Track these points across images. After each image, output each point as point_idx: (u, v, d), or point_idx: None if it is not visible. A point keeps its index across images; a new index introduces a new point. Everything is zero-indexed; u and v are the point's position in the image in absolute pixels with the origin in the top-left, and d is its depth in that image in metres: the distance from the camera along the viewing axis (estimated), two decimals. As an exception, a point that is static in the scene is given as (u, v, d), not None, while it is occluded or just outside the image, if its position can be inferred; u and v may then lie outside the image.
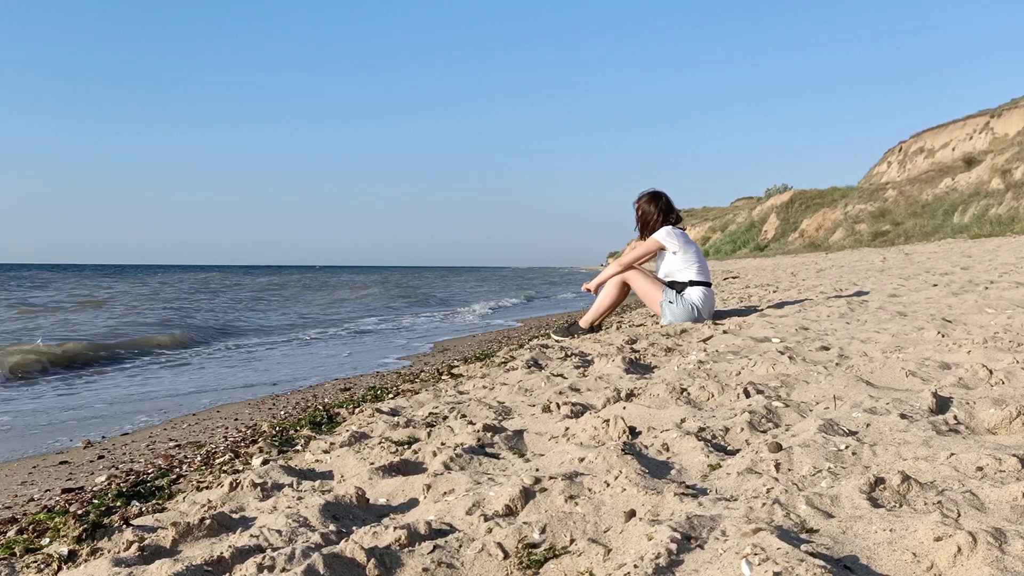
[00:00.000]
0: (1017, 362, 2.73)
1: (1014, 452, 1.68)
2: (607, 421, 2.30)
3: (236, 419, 3.69)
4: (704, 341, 4.28)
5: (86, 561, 1.62)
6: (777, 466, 1.77)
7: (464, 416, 2.78)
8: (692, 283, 5.16)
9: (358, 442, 2.48)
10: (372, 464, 2.16)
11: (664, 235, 5.17)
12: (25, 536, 1.84)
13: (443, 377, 4.04)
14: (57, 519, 1.92)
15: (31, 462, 3.02)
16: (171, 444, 3.13)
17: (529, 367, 3.80)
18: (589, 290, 5.46)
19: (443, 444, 2.31)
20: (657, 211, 5.25)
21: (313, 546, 1.50)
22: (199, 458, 2.68)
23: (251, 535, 1.60)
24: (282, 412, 3.79)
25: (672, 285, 5.21)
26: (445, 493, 1.85)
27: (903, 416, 2.10)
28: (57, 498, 2.35)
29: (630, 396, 2.79)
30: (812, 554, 1.23)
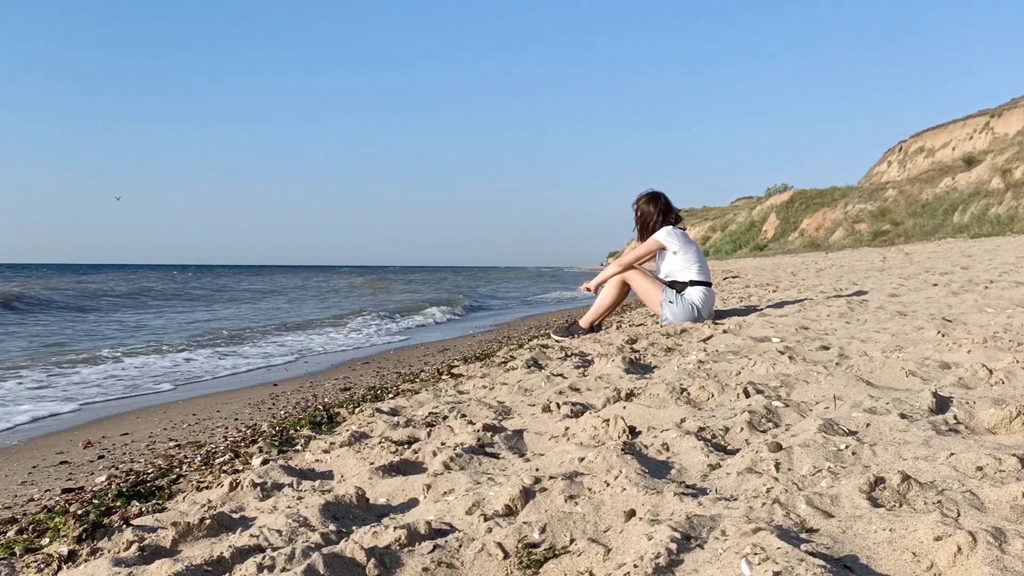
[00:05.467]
0: (1017, 362, 2.73)
1: (1014, 452, 1.68)
2: (607, 421, 2.30)
3: (236, 419, 3.69)
4: (704, 341, 4.28)
5: (86, 561, 1.62)
6: (777, 466, 1.77)
7: (464, 416, 2.78)
8: (692, 283, 5.16)
9: (358, 442, 2.48)
10: (372, 464, 2.16)
11: (664, 235, 5.17)
12: (25, 536, 1.84)
13: (443, 377, 4.04)
14: (57, 519, 1.92)
15: (31, 462, 3.02)
16: (171, 444, 3.13)
17: (529, 367, 3.80)
18: (589, 289, 5.47)
19: (443, 444, 2.31)
20: (656, 211, 5.25)
21: (313, 546, 1.50)
22: (199, 458, 2.68)
23: (251, 535, 1.60)
24: (282, 412, 3.79)
25: (672, 285, 5.21)
26: (445, 493, 1.85)
27: (903, 416, 2.10)
28: (57, 498, 2.35)
29: (630, 396, 2.79)
30: (812, 554, 1.23)
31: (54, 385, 5.22)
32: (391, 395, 3.62)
